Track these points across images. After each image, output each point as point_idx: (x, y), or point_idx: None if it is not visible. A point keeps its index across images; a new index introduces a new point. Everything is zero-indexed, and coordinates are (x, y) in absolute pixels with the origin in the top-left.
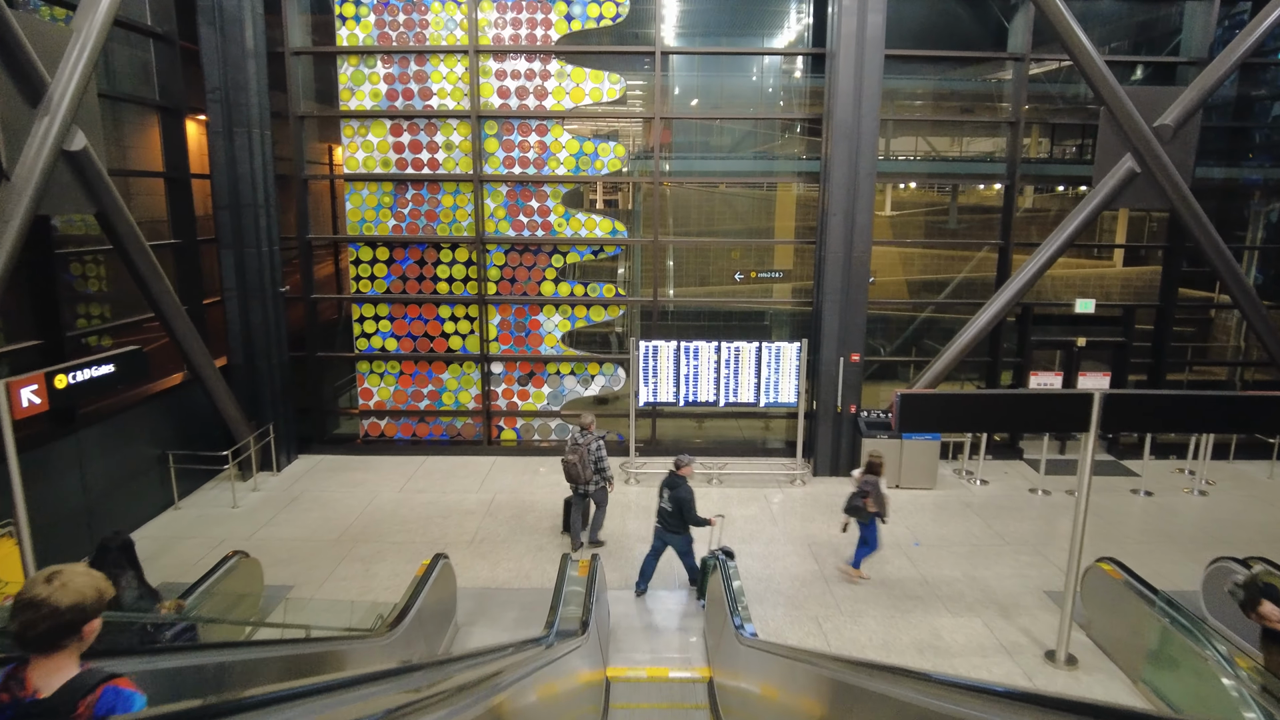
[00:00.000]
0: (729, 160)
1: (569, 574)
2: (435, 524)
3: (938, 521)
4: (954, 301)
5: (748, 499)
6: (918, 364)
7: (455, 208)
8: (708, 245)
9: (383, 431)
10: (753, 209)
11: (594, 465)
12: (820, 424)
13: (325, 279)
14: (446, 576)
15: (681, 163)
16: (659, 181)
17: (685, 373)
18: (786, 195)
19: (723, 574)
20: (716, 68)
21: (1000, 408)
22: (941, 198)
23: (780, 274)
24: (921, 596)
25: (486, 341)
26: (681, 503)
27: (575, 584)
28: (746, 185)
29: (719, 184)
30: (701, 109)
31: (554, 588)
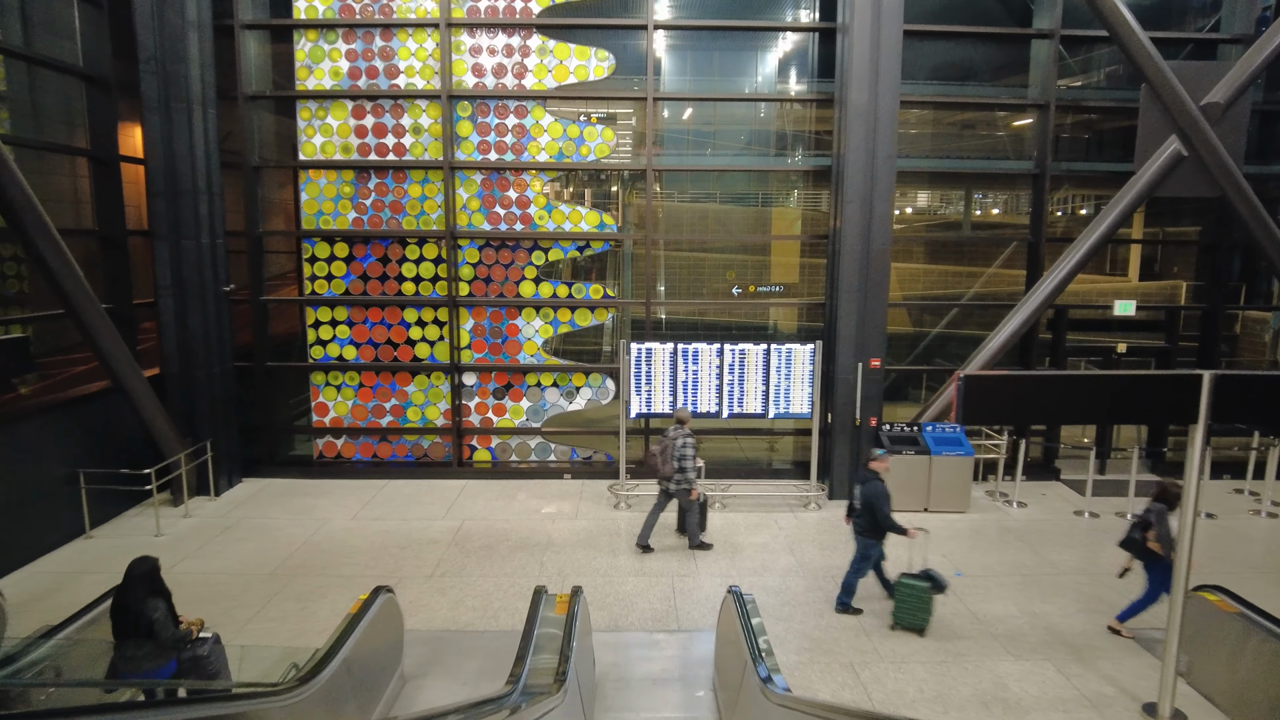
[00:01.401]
0: (727, 156)
1: (543, 613)
2: (391, 555)
3: (978, 549)
4: (979, 303)
5: (756, 525)
6: (939, 375)
7: (424, 198)
8: (705, 243)
9: (339, 452)
10: (752, 220)
11: (676, 461)
12: (836, 440)
13: (284, 280)
14: (389, 616)
15: (675, 157)
16: (652, 171)
17: (683, 379)
18: (791, 199)
19: (739, 609)
20: (714, 47)
21: (1085, 392)
22: (951, 216)
23: (781, 288)
24: (974, 636)
25: (457, 349)
26: (872, 502)
27: (551, 625)
28: (743, 195)
29: (712, 196)
30: (698, 94)
31: (523, 630)
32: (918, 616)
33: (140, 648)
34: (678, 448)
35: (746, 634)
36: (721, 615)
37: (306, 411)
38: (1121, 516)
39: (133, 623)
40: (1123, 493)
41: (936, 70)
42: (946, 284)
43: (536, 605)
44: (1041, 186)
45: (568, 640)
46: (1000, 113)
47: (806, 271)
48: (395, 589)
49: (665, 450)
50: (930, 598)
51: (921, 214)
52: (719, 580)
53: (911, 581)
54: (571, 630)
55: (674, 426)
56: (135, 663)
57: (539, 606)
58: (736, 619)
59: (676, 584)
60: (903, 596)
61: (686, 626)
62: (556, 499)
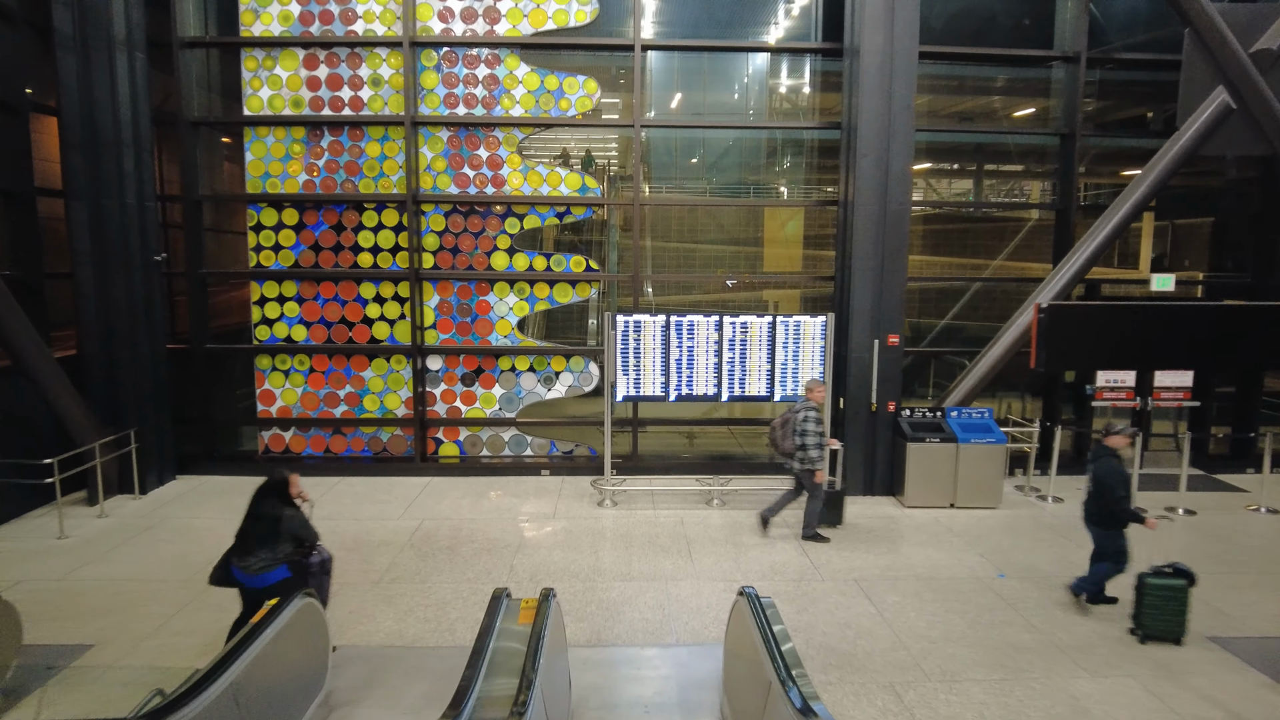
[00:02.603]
0: (722, 115)
1: (503, 624)
2: (339, 559)
3: (1018, 547)
4: (1001, 279)
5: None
6: (948, 370)
7: (383, 158)
8: (700, 205)
9: (287, 446)
10: (748, 208)
11: (797, 437)
12: (849, 428)
13: (234, 252)
14: (307, 628)
15: (666, 114)
16: (640, 129)
17: (676, 357)
18: (797, 168)
19: (757, 618)
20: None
21: (1204, 322)
22: (955, 202)
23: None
24: (1033, 648)
25: (420, 329)
26: (1105, 482)
27: (512, 639)
28: (742, 163)
29: (703, 191)
30: (689, 42)
31: (473, 647)
32: (1174, 622)
33: (260, 554)
34: (799, 421)
35: (768, 647)
36: (731, 625)
37: (252, 401)
38: (1171, 512)
39: (262, 529)
40: (1168, 486)
41: (951, 25)
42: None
43: (494, 614)
44: (1070, 149)
45: (532, 659)
46: (1022, 78)
47: (812, 241)
48: (334, 598)
49: (787, 423)
50: (1189, 596)
51: (923, 200)
52: (721, 586)
53: (1163, 581)
54: (538, 646)
55: (803, 398)
56: (249, 568)
57: (497, 615)
58: (752, 629)
59: (671, 589)
60: (1154, 599)
61: (685, 639)
62: (533, 497)
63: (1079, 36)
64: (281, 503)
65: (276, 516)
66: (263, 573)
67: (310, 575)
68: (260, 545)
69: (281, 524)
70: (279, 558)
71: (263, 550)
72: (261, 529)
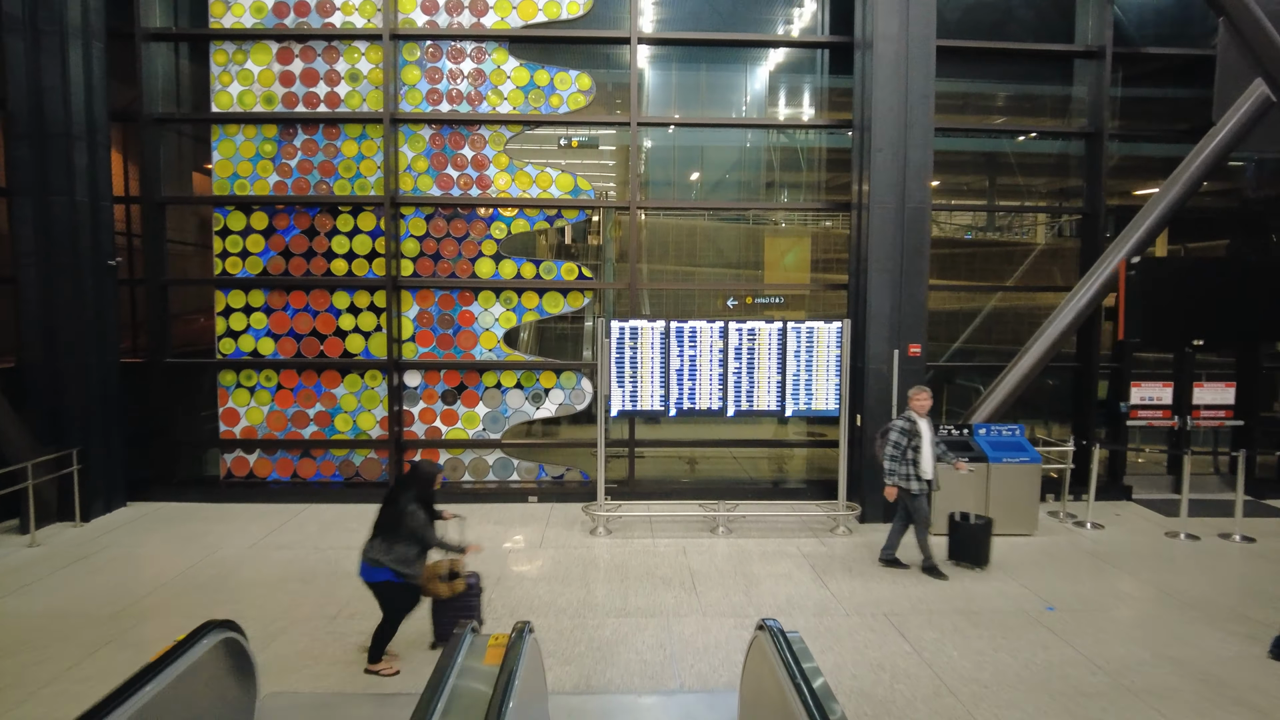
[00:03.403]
0: (724, 110)
1: (465, 663)
2: (287, 591)
3: (1063, 576)
4: (1022, 286)
5: (774, 554)
6: (964, 396)
7: (361, 158)
8: (701, 209)
9: (251, 470)
10: (746, 241)
11: (881, 438)
12: (868, 448)
13: (198, 261)
14: (222, 671)
15: (664, 109)
16: (636, 127)
17: (677, 367)
18: (808, 165)
19: (782, 656)
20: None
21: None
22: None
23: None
24: (1104, 693)
25: (398, 342)
26: None
27: (477, 681)
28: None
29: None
30: (689, 35)
31: (421, 696)
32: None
33: (374, 543)
34: (891, 427)
35: (799, 693)
36: (748, 666)
37: (214, 420)
38: (1226, 538)
39: (386, 518)
40: (1217, 511)
41: (967, 19)
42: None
43: (453, 653)
44: (1098, 149)
45: (498, 708)
46: (1050, 46)
47: (820, 265)
48: (282, 635)
49: (885, 433)
50: None
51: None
52: (732, 622)
53: None
54: (507, 691)
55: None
56: (365, 554)
57: (457, 654)
58: (777, 670)
59: (674, 625)
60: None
61: (691, 684)
62: (518, 525)
63: (1103, 30)
64: (417, 498)
65: (402, 510)
66: (373, 565)
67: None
68: (378, 534)
69: (405, 518)
70: (393, 557)
71: (378, 540)
72: (385, 518)
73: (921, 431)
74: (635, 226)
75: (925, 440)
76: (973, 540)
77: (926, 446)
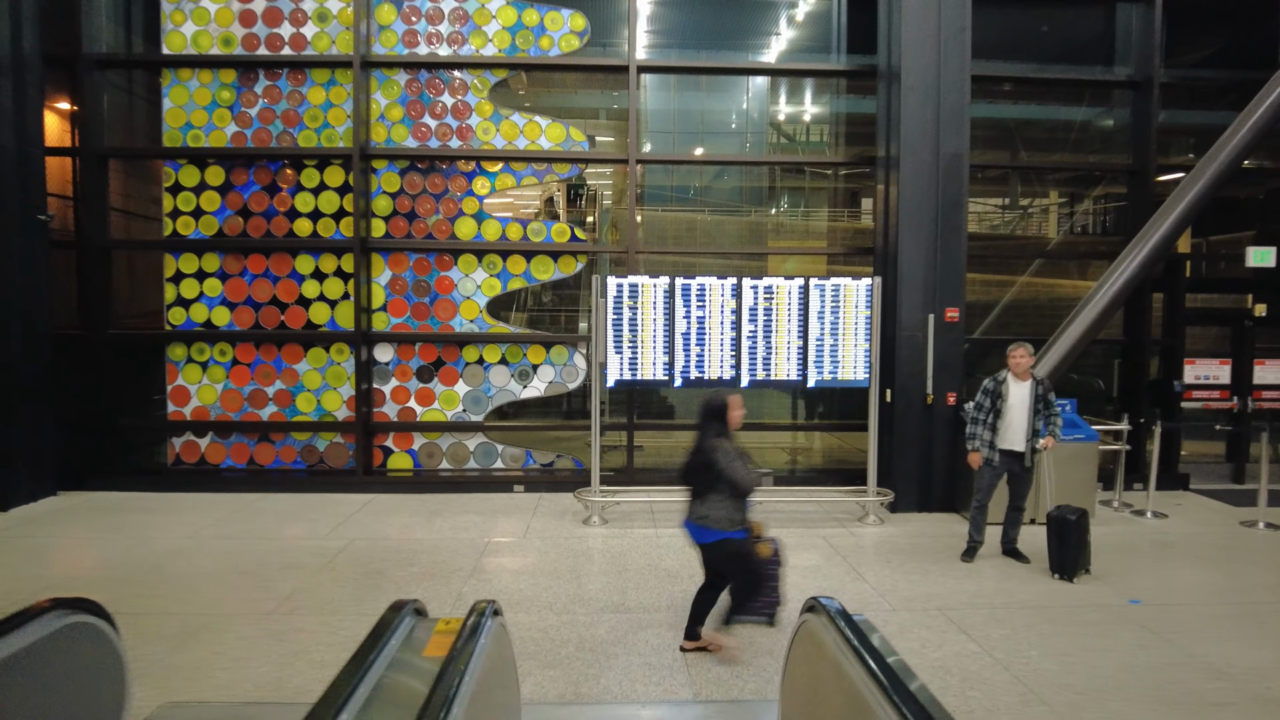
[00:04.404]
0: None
1: (396, 654)
2: (223, 584)
3: (1138, 569)
4: (1062, 256)
5: (797, 545)
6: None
7: (328, 106)
8: (708, 164)
9: (203, 456)
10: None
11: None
12: (900, 427)
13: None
14: (80, 670)
15: (664, 50)
16: (635, 69)
17: (683, 331)
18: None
19: (844, 644)
20: None
21: None
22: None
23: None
24: (1231, 701)
25: (367, 311)
26: None
27: (412, 677)
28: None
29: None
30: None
31: (324, 692)
32: None
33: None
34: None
35: (887, 696)
36: (792, 665)
37: (162, 400)
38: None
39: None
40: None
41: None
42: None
43: (380, 637)
44: (1146, 100)
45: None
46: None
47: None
48: (203, 632)
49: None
50: None
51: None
52: (755, 618)
53: None
54: (453, 696)
55: None
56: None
57: (387, 639)
58: (842, 664)
59: (683, 622)
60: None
61: (710, 692)
62: (501, 516)
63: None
64: (719, 435)
65: (710, 451)
66: (701, 524)
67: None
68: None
69: (716, 459)
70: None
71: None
72: (695, 465)
73: (1008, 394)
74: (634, 182)
75: (1014, 405)
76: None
77: (1014, 413)
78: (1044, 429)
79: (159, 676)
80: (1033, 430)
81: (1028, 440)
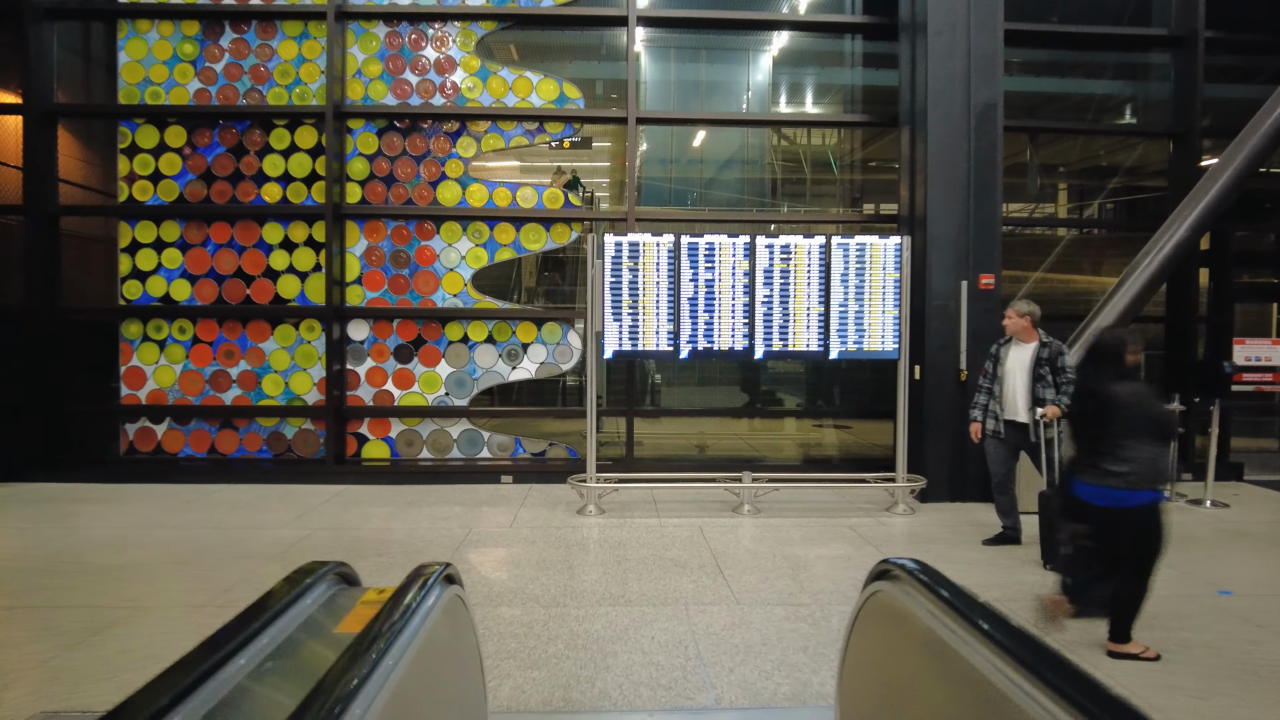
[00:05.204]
0: None
1: (293, 624)
2: (150, 574)
3: (1216, 559)
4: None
5: (820, 535)
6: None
7: (301, 61)
8: (716, 122)
9: (160, 444)
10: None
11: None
12: (930, 407)
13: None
14: None
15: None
16: (635, 19)
17: (689, 295)
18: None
19: (963, 611)
20: None
21: None
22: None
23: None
24: None
25: (340, 285)
26: None
27: (311, 659)
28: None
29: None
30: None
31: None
32: None
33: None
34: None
35: (1046, 680)
36: (856, 655)
37: (115, 382)
38: None
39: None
40: None
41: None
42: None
43: (261, 612)
44: (1191, 55)
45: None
46: None
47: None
48: (117, 627)
49: None
50: None
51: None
52: (781, 612)
53: None
54: (356, 687)
55: None
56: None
57: (298, 599)
58: (947, 646)
59: (697, 617)
60: None
61: (734, 698)
62: (485, 506)
63: None
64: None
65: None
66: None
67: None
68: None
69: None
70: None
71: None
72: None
73: (1006, 358)
74: (634, 142)
75: (1011, 370)
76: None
77: (1011, 379)
78: (1059, 400)
79: (41, 680)
80: (1035, 399)
81: (1029, 410)
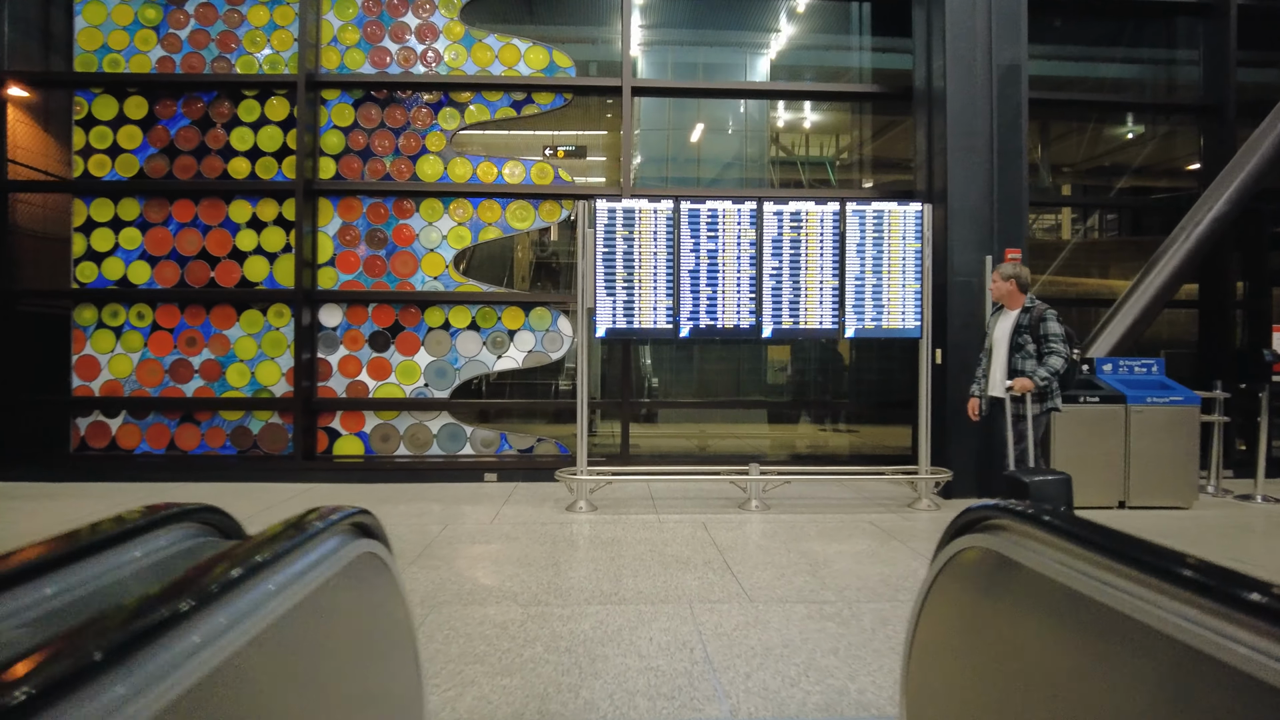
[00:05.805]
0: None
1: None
2: None
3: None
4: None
5: (837, 530)
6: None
7: (272, 28)
8: (716, 92)
9: (114, 439)
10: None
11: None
12: (952, 392)
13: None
14: None
15: None
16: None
17: (690, 268)
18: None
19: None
20: None
21: None
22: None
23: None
24: None
25: (312, 267)
26: None
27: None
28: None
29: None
30: None
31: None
32: None
33: None
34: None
35: None
36: (925, 647)
37: (66, 372)
38: None
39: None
40: None
41: None
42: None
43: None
44: (1223, 21)
45: None
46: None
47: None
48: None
49: None
50: None
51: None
52: (803, 610)
53: None
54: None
55: None
56: None
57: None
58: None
59: (703, 615)
60: None
61: (753, 709)
62: (466, 503)
63: None
64: None
65: None
66: None
67: None
68: None
69: None
70: None
71: None
72: None
73: (993, 328)
74: (630, 113)
75: (997, 340)
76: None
77: (996, 350)
78: (1036, 374)
79: None
80: (1013, 371)
81: (1003, 383)
